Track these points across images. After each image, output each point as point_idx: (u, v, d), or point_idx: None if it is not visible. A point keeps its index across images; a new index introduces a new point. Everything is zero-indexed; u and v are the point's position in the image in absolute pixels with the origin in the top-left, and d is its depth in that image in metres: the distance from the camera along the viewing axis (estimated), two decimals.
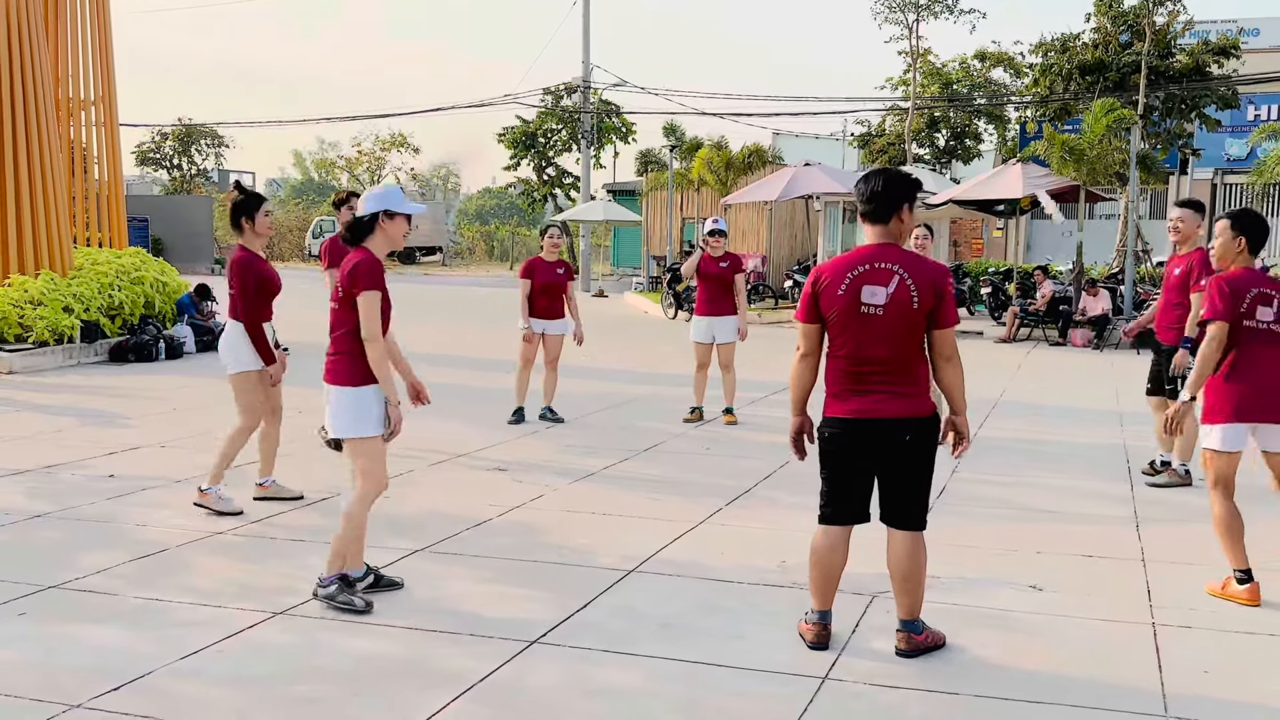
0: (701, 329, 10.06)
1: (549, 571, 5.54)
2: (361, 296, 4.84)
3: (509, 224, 63.74)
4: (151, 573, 5.38)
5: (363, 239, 5.01)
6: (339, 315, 4.95)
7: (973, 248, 36.52)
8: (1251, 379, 5.22)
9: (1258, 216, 5.52)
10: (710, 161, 28.15)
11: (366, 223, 5.01)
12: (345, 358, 4.92)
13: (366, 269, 4.86)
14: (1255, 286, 5.30)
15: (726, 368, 10.06)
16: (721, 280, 9.95)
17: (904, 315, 4.29)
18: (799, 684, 4.19)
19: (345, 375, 4.91)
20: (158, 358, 13.95)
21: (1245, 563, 5.21)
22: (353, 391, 4.89)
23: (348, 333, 4.91)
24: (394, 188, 5.20)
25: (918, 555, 4.40)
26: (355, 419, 4.90)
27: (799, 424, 4.53)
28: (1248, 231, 5.41)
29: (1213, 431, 5.29)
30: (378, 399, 4.91)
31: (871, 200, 4.41)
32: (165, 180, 57.48)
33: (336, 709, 3.92)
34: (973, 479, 7.81)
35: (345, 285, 4.89)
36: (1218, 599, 5.23)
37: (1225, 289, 5.26)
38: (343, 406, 4.91)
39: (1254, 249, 5.45)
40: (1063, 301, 18.76)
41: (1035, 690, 4.15)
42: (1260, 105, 32.29)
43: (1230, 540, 5.24)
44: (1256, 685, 4.26)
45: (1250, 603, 5.14)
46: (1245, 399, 5.22)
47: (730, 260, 10.02)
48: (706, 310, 10.03)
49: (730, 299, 9.97)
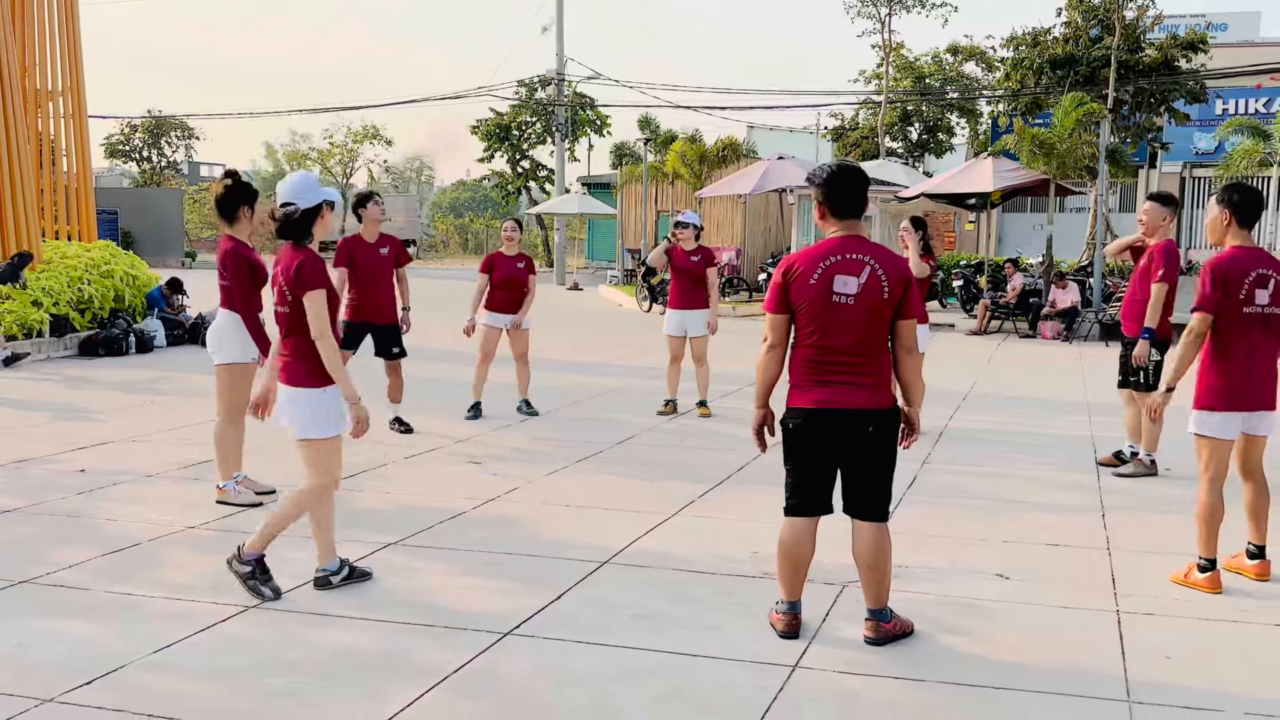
0: (674, 322, 10.10)
1: (523, 564, 5.57)
2: (309, 296, 4.80)
3: (483, 217, 63.62)
4: (123, 567, 5.37)
5: (306, 233, 4.94)
6: (292, 318, 4.89)
7: (945, 241, 36.70)
8: (1245, 366, 5.19)
9: (1249, 189, 5.35)
10: (684, 155, 28.21)
11: (311, 214, 4.91)
12: (302, 359, 4.90)
13: (311, 268, 4.82)
14: (1254, 268, 5.14)
15: (700, 361, 10.10)
16: (693, 274, 9.99)
17: (873, 305, 4.34)
18: (770, 672, 4.24)
19: (303, 377, 4.89)
20: (128, 352, 13.86)
21: (1214, 553, 5.26)
22: (312, 393, 4.89)
23: (302, 334, 4.88)
24: (312, 175, 5.08)
25: (883, 545, 4.46)
26: (314, 420, 4.89)
27: (762, 416, 4.58)
28: (1234, 205, 5.22)
29: (1206, 419, 5.25)
30: (336, 399, 4.92)
31: (838, 196, 4.45)
32: (135, 173, 57.01)
33: (311, 701, 3.94)
34: (943, 469, 7.90)
35: (291, 287, 4.83)
36: (1181, 586, 5.32)
37: (1216, 276, 5.13)
38: (302, 408, 4.90)
39: (1243, 223, 5.25)
40: (1033, 294, 18.94)
41: (1000, 676, 4.22)
42: (1228, 100, 32.63)
43: (1208, 529, 5.25)
44: (1218, 670, 4.34)
45: (1211, 590, 5.22)
46: (1240, 387, 5.19)
47: (702, 254, 10.05)
48: (679, 304, 10.07)
49: (702, 292, 10.00)
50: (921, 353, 7.25)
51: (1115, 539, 6.14)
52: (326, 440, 4.94)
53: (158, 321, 14.84)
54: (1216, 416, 5.23)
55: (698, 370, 10.14)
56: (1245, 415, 5.27)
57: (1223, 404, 5.21)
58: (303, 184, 4.94)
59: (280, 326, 4.98)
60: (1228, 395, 5.21)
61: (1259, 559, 5.45)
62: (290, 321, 4.90)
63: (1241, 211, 5.23)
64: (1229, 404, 5.21)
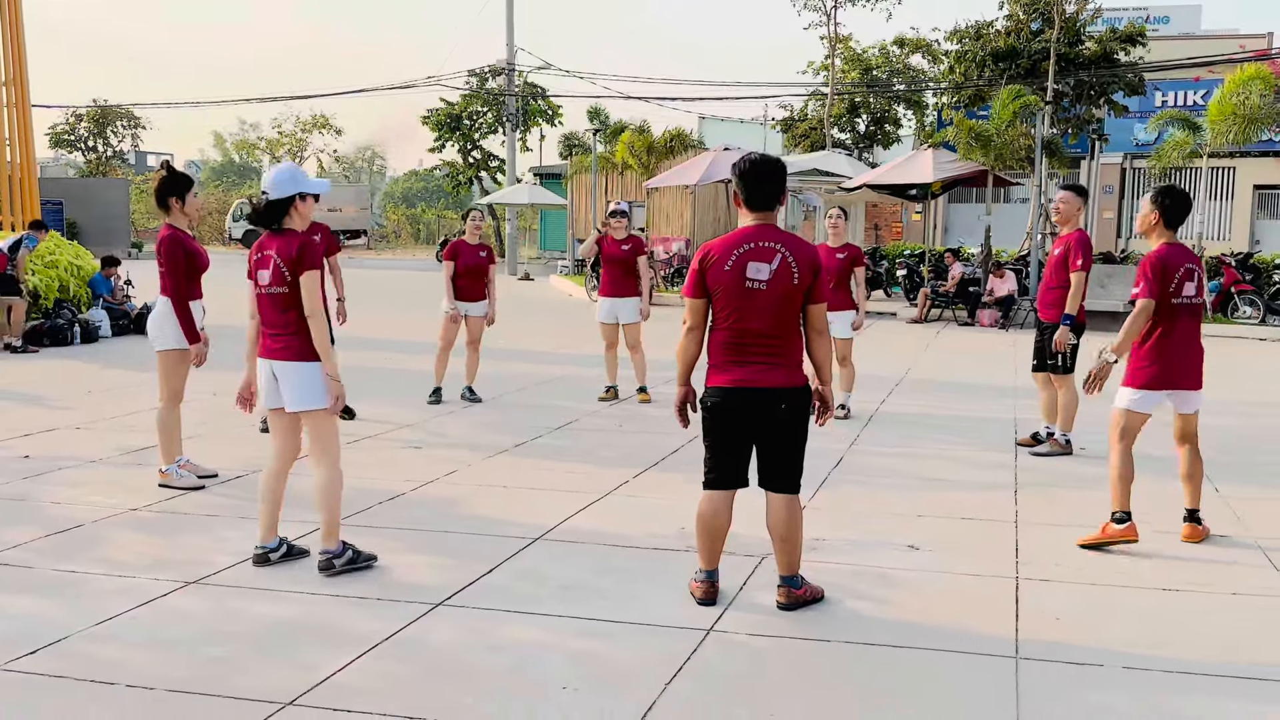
0: (605, 310, 10.35)
1: (457, 541, 5.79)
2: (307, 275, 5.06)
3: (435, 207, 63.41)
4: (67, 547, 5.52)
5: (275, 222, 5.17)
6: (291, 297, 5.10)
7: (893, 230, 37.26)
8: (1170, 351, 5.75)
9: (1180, 194, 5.88)
10: (633, 145, 28.42)
11: (280, 204, 5.16)
12: (308, 335, 5.11)
13: (312, 249, 5.10)
14: (1182, 264, 5.74)
15: (634, 348, 10.36)
16: (625, 262, 10.25)
17: (785, 290, 4.61)
18: (686, 636, 4.50)
19: (310, 352, 5.11)
20: (73, 342, 13.87)
21: (1127, 506, 5.81)
22: (313, 366, 5.12)
23: (300, 313, 5.09)
24: (292, 168, 5.32)
25: (794, 516, 4.73)
26: (321, 391, 5.12)
27: (684, 394, 4.84)
28: (1164, 208, 5.78)
29: (1130, 395, 5.83)
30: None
31: (758, 187, 4.70)
32: (80, 163, 56.21)
33: (245, 666, 4.14)
34: (869, 451, 8.21)
35: (293, 267, 5.06)
36: (1089, 552, 5.66)
37: (1158, 267, 5.68)
38: (311, 381, 5.11)
39: (1170, 224, 5.81)
40: (972, 283, 19.38)
41: (900, 637, 4.51)
42: (1167, 92, 33.32)
43: (1121, 487, 5.82)
44: (1105, 630, 4.66)
45: (1129, 538, 5.74)
46: (1164, 370, 5.76)
47: (633, 243, 10.33)
48: (609, 291, 10.33)
49: (634, 280, 10.28)
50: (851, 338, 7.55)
51: (1024, 513, 6.47)
52: (327, 410, 5.17)
53: (103, 312, 14.84)
54: (1139, 394, 5.83)
55: (633, 357, 10.39)
56: (1170, 394, 5.84)
57: (1148, 384, 5.79)
58: (279, 176, 5.20)
59: (274, 307, 5.14)
60: (1154, 377, 5.78)
61: (1192, 522, 5.99)
62: (289, 301, 5.11)
63: (1170, 214, 5.81)
64: (1154, 384, 5.79)
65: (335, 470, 5.18)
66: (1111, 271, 18.79)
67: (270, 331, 5.20)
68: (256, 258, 5.22)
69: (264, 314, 5.22)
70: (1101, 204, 33.95)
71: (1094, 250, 8.65)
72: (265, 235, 5.23)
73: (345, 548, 5.20)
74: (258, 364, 5.28)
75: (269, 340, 5.20)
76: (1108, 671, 4.21)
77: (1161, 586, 5.21)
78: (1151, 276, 5.69)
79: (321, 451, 5.18)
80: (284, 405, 5.19)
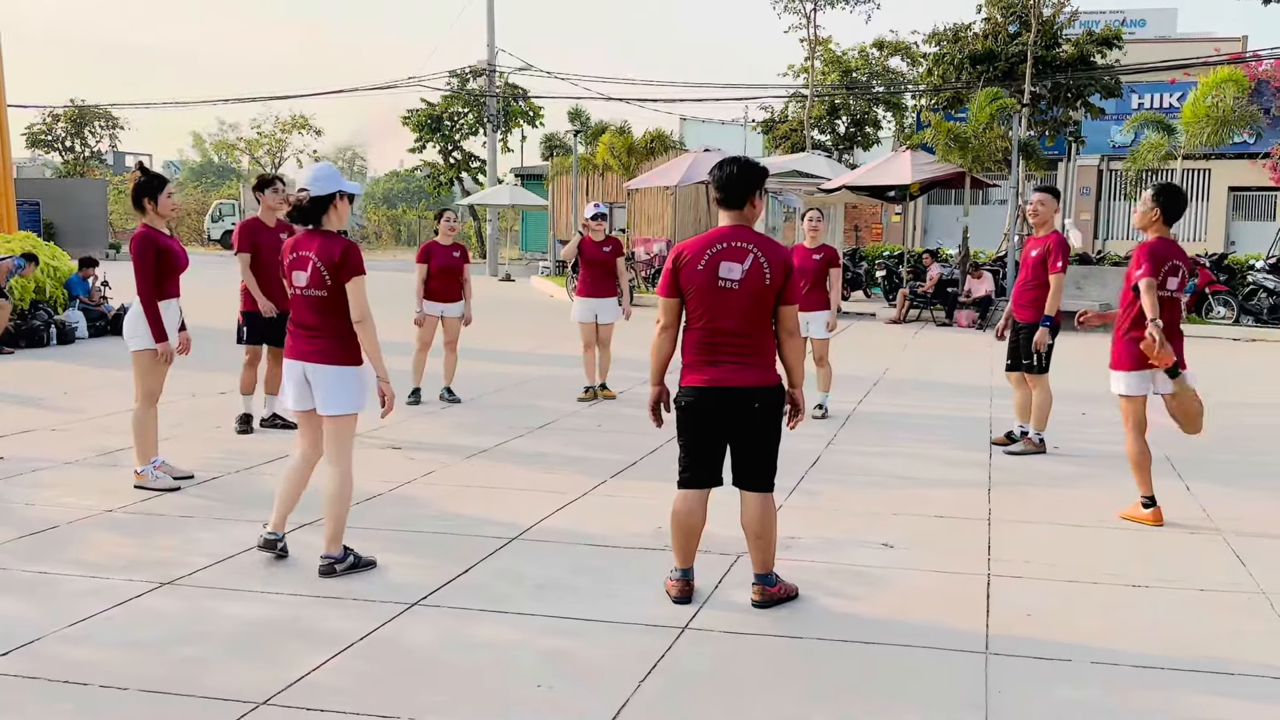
0: (584, 309, 10.38)
1: (434, 541, 5.80)
2: (355, 281, 5.03)
3: (417, 208, 63.22)
4: (41, 548, 5.51)
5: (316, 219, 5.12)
6: (329, 301, 5.05)
7: (873, 231, 37.39)
8: None
9: (1177, 191, 6.32)
10: (614, 146, 28.43)
11: (322, 201, 5.10)
12: (344, 339, 5.09)
13: (357, 254, 5.06)
14: (1170, 259, 6.15)
15: (605, 345, 10.46)
16: (605, 264, 10.31)
17: (756, 290, 4.64)
18: (660, 634, 4.52)
19: (348, 355, 5.10)
20: (49, 343, 13.79)
21: (1150, 490, 6.25)
22: (357, 370, 5.12)
23: (343, 316, 5.06)
24: (332, 167, 5.32)
25: (768, 513, 4.77)
26: (352, 396, 5.12)
27: (657, 393, 4.87)
28: (1165, 204, 6.21)
29: (1121, 378, 6.24)
30: (370, 376, 5.15)
31: (727, 187, 4.74)
32: (58, 163, 55.81)
33: (219, 666, 4.14)
34: (846, 450, 8.26)
35: (335, 272, 5.01)
36: (1061, 549, 5.73)
37: (1154, 255, 6.08)
38: (344, 385, 5.09)
39: (1168, 219, 6.24)
40: (950, 284, 19.49)
41: (871, 633, 4.55)
42: (1143, 94, 33.59)
43: (1140, 473, 6.25)
44: (1075, 625, 4.71)
45: (1155, 523, 6.17)
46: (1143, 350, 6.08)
47: (612, 244, 10.39)
48: (589, 292, 10.37)
49: (613, 281, 10.35)
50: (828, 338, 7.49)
51: (996, 511, 6.53)
52: (354, 416, 5.17)
53: (79, 313, 14.76)
54: (1131, 376, 6.21)
55: (601, 354, 10.48)
56: (1154, 374, 6.18)
57: (1135, 364, 6.17)
58: (320, 173, 5.17)
59: (310, 309, 5.10)
60: (1135, 358, 6.17)
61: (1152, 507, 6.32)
62: (328, 304, 5.06)
63: (1168, 211, 6.23)
64: (1139, 364, 6.16)
65: (349, 477, 5.16)
66: (1088, 273, 18.92)
67: (305, 333, 5.14)
68: (292, 257, 5.13)
69: (298, 315, 5.17)
70: (1078, 205, 34.17)
71: (1071, 251, 8.76)
72: (302, 234, 5.15)
73: (347, 553, 5.20)
74: (285, 364, 5.22)
75: (302, 342, 5.15)
76: (1077, 667, 4.26)
77: (1131, 583, 5.27)
78: (1151, 262, 6.07)
79: (337, 456, 5.14)
80: (317, 409, 5.16)
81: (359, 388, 5.14)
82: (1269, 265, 19.93)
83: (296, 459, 5.32)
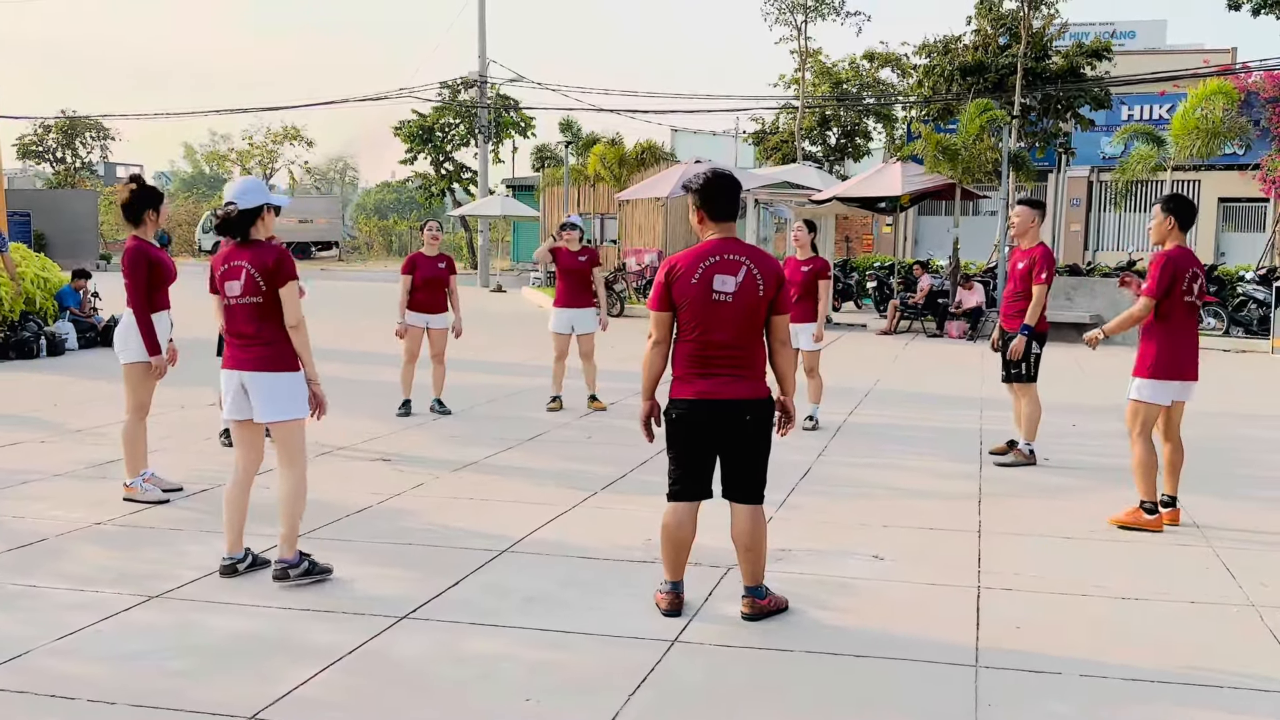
0: (562, 320, 10.38)
1: (423, 554, 5.79)
2: (288, 286, 5.10)
3: (408, 219, 63.23)
4: (29, 561, 5.48)
5: (243, 231, 5.17)
6: (265, 308, 5.11)
7: (864, 243, 37.47)
8: (1179, 343, 6.35)
9: (1184, 199, 6.51)
10: (605, 157, 28.48)
11: (249, 214, 5.17)
12: (280, 345, 5.13)
13: (290, 261, 5.15)
14: (1190, 266, 6.35)
15: (588, 357, 10.45)
16: (581, 274, 10.31)
17: (750, 302, 4.65)
18: (650, 647, 4.52)
19: (284, 361, 5.13)
20: (39, 355, 13.76)
21: (1154, 496, 6.37)
22: (295, 376, 5.15)
23: (279, 322, 5.11)
24: (258, 180, 5.43)
25: (758, 526, 4.76)
26: (293, 402, 5.15)
27: (649, 408, 4.86)
28: (1176, 212, 6.40)
29: (1144, 385, 6.35)
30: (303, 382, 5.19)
31: (715, 200, 4.75)
32: (48, 174, 55.71)
33: (208, 680, 4.12)
34: (837, 461, 8.27)
35: (269, 279, 5.07)
36: (1051, 561, 5.72)
37: (1169, 269, 6.26)
38: (283, 391, 5.13)
39: (1183, 226, 6.42)
40: (940, 295, 19.54)
41: (861, 646, 4.55)
42: (1133, 106, 33.73)
43: (1145, 478, 6.34)
44: (1064, 639, 4.71)
45: (1156, 528, 6.30)
46: (1174, 359, 6.34)
47: (588, 254, 10.41)
48: (566, 302, 10.37)
49: (589, 292, 10.35)
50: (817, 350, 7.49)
51: (986, 523, 6.53)
52: (299, 421, 5.21)
53: (69, 324, 14.73)
54: (1154, 384, 6.35)
55: (585, 366, 10.48)
56: (1180, 385, 6.40)
57: (1161, 374, 6.33)
58: (247, 186, 5.25)
59: (246, 318, 5.14)
60: (1166, 367, 6.33)
61: (1171, 508, 6.51)
62: (264, 311, 5.12)
63: (1181, 217, 6.41)
64: (1167, 374, 6.34)
65: (302, 481, 5.19)
66: (1077, 284, 18.98)
67: (240, 343, 5.18)
68: (224, 269, 5.20)
69: (234, 325, 5.20)
70: (1069, 216, 34.29)
71: (1061, 262, 8.86)
72: (230, 247, 5.22)
73: (302, 558, 5.19)
74: (223, 374, 5.27)
75: (238, 351, 5.19)
76: (1066, 680, 4.26)
77: (1121, 595, 5.28)
78: (1161, 276, 6.25)
79: (289, 461, 5.17)
80: (252, 416, 5.18)
81: (300, 392, 5.18)
82: (1259, 276, 20.03)
83: (234, 478, 5.31)
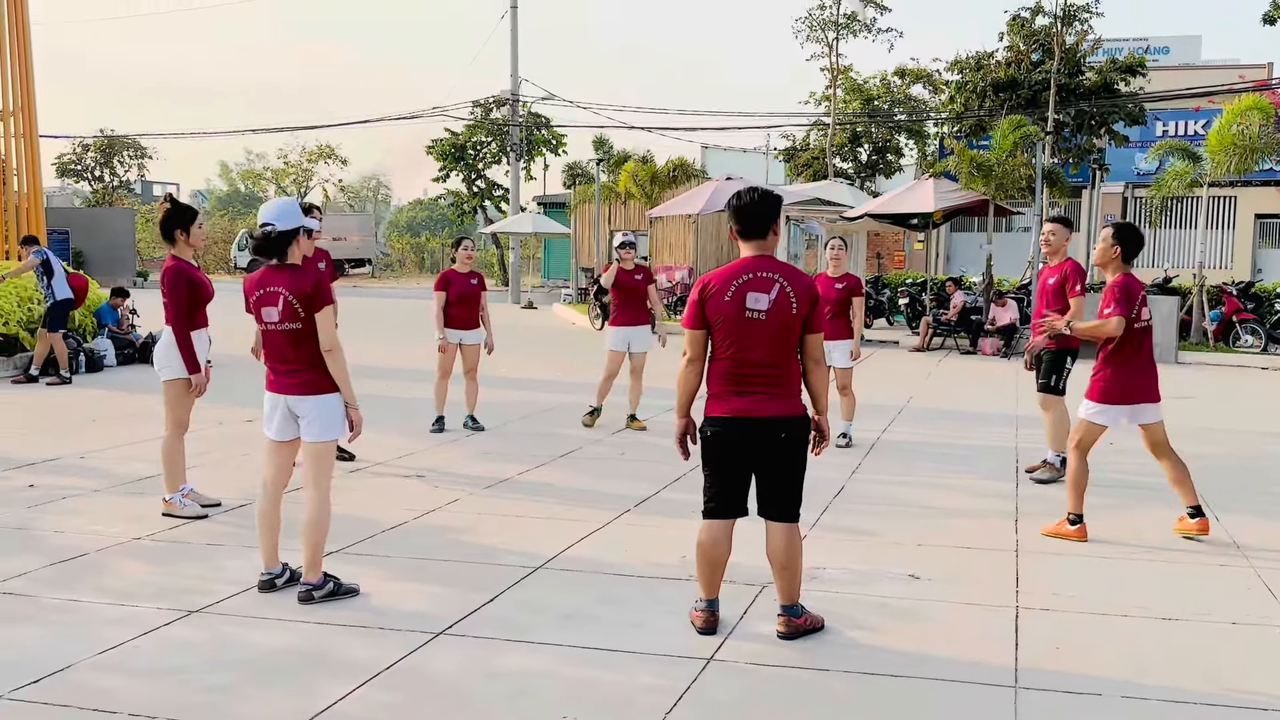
0: (619, 338, 10.37)
1: (458, 570, 5.81)
2: (325, 311, 5.14)
3: (440, 236, 63.61)
4: (70, 576, 5.54)
5: (281, 253, 5.21)
6: (304, 333, 5.13)
7: (895, 259, 37.34)
8: (1132, 370, 6.36)
9: (1135, 229, 6.56)
10: (636, 175, 28.57)
11: (287, 236, 5.20)
12: (324, 368, 5.17)
13: (326, 286, 5.19)
14: (1140, 291, 6.39)
15: (637, 373, 10.42)
16: (636, 291, 10.31)
17: (784, 320, 4.65)
18: (686, 665, 4.51)
19: (325, 384, 5.18)
20: (78, 371, 13.92)
21: (1080, 509, 6.49)
22: (335, 398, 5.20)
23: (317, 346, 5.14)
24: (294, 201, 5.50)
25: (794, 544, 4.75)
26: (334, 424, 5.20)
27: (684, 426, 4.86)
28: (1123, 241, 6.42)
29: (1094, 408, 6.41)
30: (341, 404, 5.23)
31: (749, 218, 4.75)
32: (87, 192, 56.55)
33: (245, 695, 4.15)
34: (871, 479, 8.22)
35: (306, 304, 5.09)
36: (1088, 581, 5.66)
37: (1124, 293, 6.28)
38: (329, 413, 5.18)
39: (1127, 257, 6.43)
40: (974, 312, 19.42)
41: (899, 666, 4.51)
42: (1168, 121, 33.47)
43: (1076, 491, 6.49)
44: (1104, 659, 4.66)
45: (1079, 539, 6.41)
46: (1122, 387, 6.36)
47: (643, 272, 10.40)
48: (622, 320, 10.36)
49: (644, 309, 10.34)
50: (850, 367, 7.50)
51: (1024, 542, 6.48)
52: (334, 443, 5.28)
53: (108, 341, 14.91)
54: (1099, 408, 6.42)
55: (634, 383, 10.44)
56: (1130, 409, 6.39)
57: (1108, 398, 6.39)
58: (283, 208, 5.28)
59: (287, 343, 5.17)
60: (1114, 392, 6.38)
61: (1198, 517, 6.48)
62: (303, 336, 5.15)
63: (1127, 248, 6.44)
64: (1113, 399, 6.38)
65: (326, 503, 5.22)
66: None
67: (283, 368, 5.20)
68: (259, 294, 5.19)
69: (274, 350, 5.22)
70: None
71: (1095, 279, 8.83)
72: (266, 270, 5.22)
73: (327, 580, 5.23)
74: (267, 397, 5.29)
75: (282, 376, 5.21)
76: (1107, 701, 4.22)
77: (1161, 616, 5.21)
78: (1121, 298, 6.27)
79: (315, 482, 5.21)
80: (302, 437, 5.22)
81: (339, 415, 5.22)
82: None
83: (264, 494, 5.35)
